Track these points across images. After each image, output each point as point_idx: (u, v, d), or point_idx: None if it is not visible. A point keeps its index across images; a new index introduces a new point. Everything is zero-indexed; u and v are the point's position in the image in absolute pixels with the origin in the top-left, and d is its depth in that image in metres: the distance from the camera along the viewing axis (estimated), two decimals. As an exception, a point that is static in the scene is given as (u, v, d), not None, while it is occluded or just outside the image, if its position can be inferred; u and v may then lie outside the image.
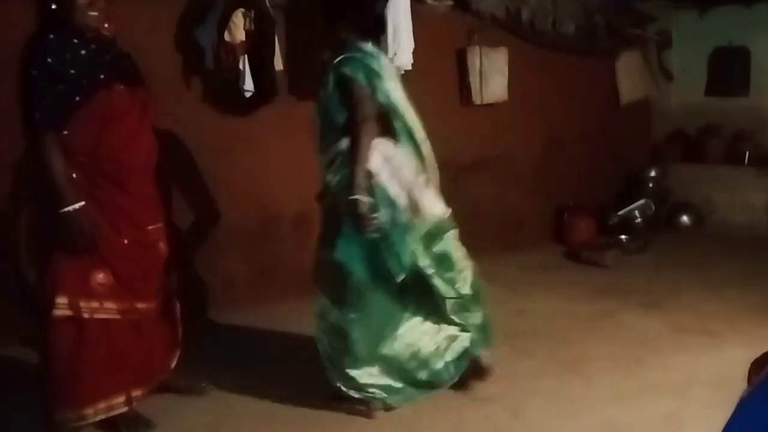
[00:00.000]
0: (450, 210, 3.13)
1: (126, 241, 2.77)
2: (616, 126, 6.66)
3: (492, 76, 5.44)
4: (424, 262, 3.00)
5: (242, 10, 3.99)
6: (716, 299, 4.57)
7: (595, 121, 6.48)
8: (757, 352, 1.64)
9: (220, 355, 3.73)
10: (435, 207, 3.07)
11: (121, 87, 2.74)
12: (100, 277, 2.72)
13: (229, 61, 4.03)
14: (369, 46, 2.99)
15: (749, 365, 1.57)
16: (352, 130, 2.89)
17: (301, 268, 4.63)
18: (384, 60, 3.03)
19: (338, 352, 3.02)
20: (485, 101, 5.44)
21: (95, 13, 2.69)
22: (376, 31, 3.13)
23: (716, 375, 3.39)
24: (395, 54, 3.93)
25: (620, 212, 6.14)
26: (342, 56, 2.89)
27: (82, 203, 2.61)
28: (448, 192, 4.21)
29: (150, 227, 2.89)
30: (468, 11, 5.29)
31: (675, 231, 6.57)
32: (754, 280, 4.95)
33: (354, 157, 2.87)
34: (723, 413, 1.21)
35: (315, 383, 3.38)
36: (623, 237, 5.97)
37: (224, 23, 3.97)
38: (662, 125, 7.25)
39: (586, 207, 6.18)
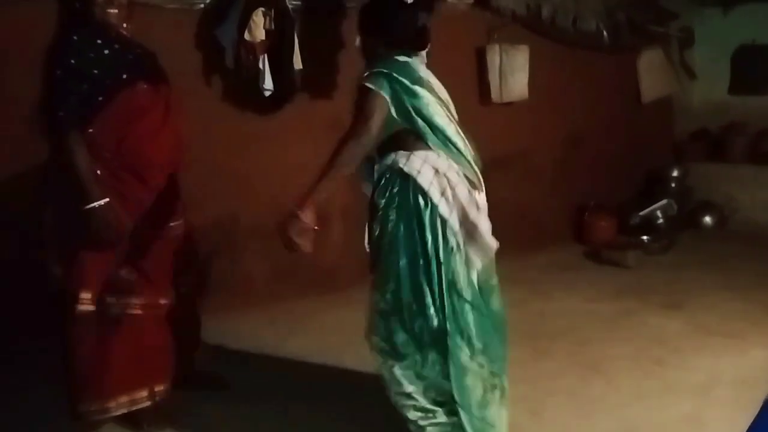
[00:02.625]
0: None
1: (149, 237, 2.80)
2: (638, 124, 6.60)
3: (512, 74, 5.41)
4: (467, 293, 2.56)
5: (262, 9, 4.00)
6: (739, 300, 4.51)
7: (616, 120, 6.43)
8: (782, 354, 1.62)
9: (239, 354, 3.75)
10: (491, 238, 2.64)
11: (144, 85, 2.77)
12: (124, 272, 2.76)
13: (249, 60, 4.05)
14: (405, 58, 2.64)
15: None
16: (348, 131, 2.55)
17: (319, 266, 4.66)
18: (422, 72, 2.67)
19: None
20: (505, 100, 5.41)
21: (115, 11, 2.73)
22: (419, 42, 2.73)
23: (738, 376, 3.35)
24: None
25: (642, 212, 6.07)
26: (371, 70, 2.56)
27: (107, 200, 2.64)
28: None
29: (172, 223, 2.91)
30: (488, 9, 5.27)
31: (697, 230, 6.49)
32: (778, 281, 4.88)
33: (327, 165, 2.55)
34: (745, 414, 1.20)
35: (330, 381, 3.41)
36: (645, 237, 5.91)
37: (244, 22, 3.99)
38: (685, 123, 7.16)
39: (606, 206, 6.12)
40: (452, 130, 2.62)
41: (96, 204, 2.62)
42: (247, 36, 3.99)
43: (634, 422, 2.99)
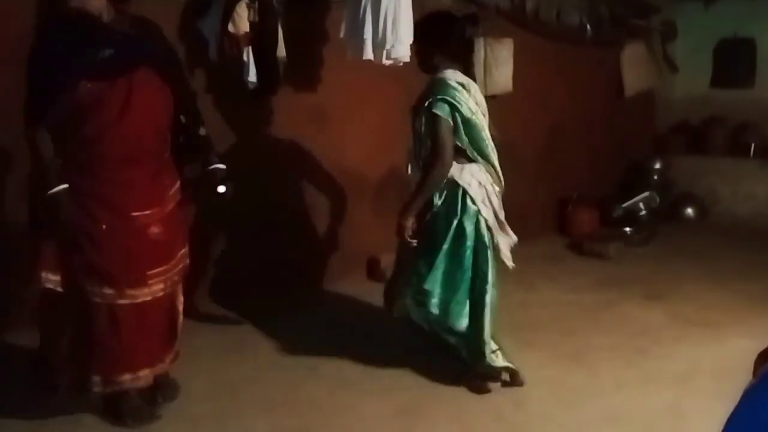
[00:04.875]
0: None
1: (104, 228, 2.76)
2: (621, 117, 6.65)
3: (497, 67, 5.43)
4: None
5: (246, 1, 3.97)
6: (719, 290, 4.58)
7: (599, 113, 6.47)
8: (760, 343, 1.64)
9: (225, 344, 3.75)
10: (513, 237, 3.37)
11: (99, 80, 2.71)
12: (79, 260, 2.74)
13: (233, 53, 4.02)
14: (459, 77, 3.22)
15: (755, 357, 1.58)
16: (431, 158, 3.14)
17: (300, 259, 4.66)
18: (472, 89, 3.26)
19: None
20: (489, 93, 5.41)
21: (93, 2, 2.71)
22: (466, 54, 3.35)
23: (718, 365, 3.40)
24: (393, 45, 3.93)
25: (624, 204, 6.13)
26: (434, 97, 3.13)
27: (62, 187, 2.66)
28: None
29: (135, 213, 2.82)
30: (473, 2, 5.27)
31: (678, 222, 6.57)
32: (757, 271, 4.96)
33: (421, 183, 3.16)
34: (725, 403, 1.22)
35: (320, 371, 3.42)
36: (627, 229, 5.97)
37: (228, 14, 3.96)
38: (666, 116, 7.24)
39: (589, 198, 6.18)
40: (490, 148, 3.25)
41: (51, 191, 2.65)
42: (230, 28, 3.96)
43: (615, 411, 3.03)
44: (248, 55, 4.05)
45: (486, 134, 3.23)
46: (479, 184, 3.19)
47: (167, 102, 2.89)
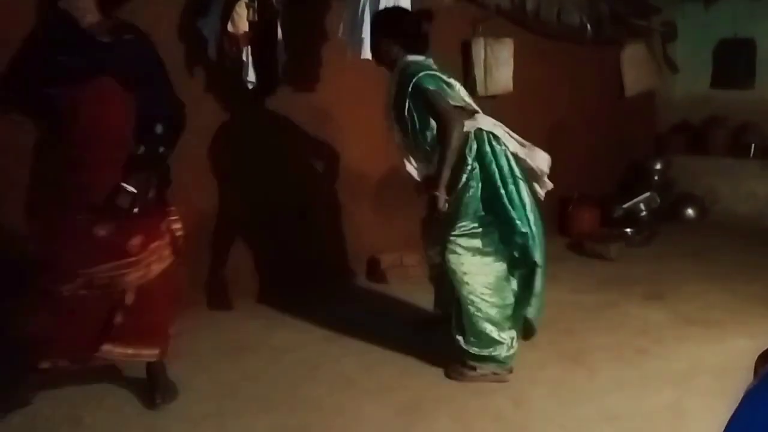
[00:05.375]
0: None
1: (78, 228, 2.85)
2: (621, 117, 6.64)
3: (497, 67, 5.42)
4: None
5: (246, 0, 3.98)
6: (719, 290, 4.57)
7: (599, 113, 6.46)
8: (760, 343, 1.63)
9: (225, 344, 3.75)
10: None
11: (68, 86, 2.77)
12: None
13: (233, 52, 4.02)
14: (427, 61, 3.39)
15: (755, 357, 1.57)
16: (442, 130, 3.20)
17: (300, 259, 4.66)
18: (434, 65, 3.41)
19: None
20: (490, 93, 5.42)
21: (76, 3, 2.74)
22: (423, 48, 3.46)
23: (719, 365, 3.39)
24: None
25: (625, 205, 6.12)
26: (415, 77, 3.24)
27: None
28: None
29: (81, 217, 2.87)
30: (473, 2, 5.27)
31: (679, 222, 6.56)
32: (758, 271, 4.94)
33: (443, 153, 3.18)
34: (725, 403, 1.22)
35: (321, 370, 3.41)
36: (627, 229, 5.96)
37: (228, 14, 3.96)
38: (667, 116, 7.23)
39: (590, 198, 6.17)
40: (473, 103, 3.45)
41: None
42: (230, 27, 3.96)
43: (616, 411, 3.02)
44: (247, 55, 4.05)
45: (465, 92, 3.48)
46: (495, 124, 3.35)
47: (125, 112, 2.88)
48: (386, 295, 4.52)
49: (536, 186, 3.51)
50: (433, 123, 3.30)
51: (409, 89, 3.26)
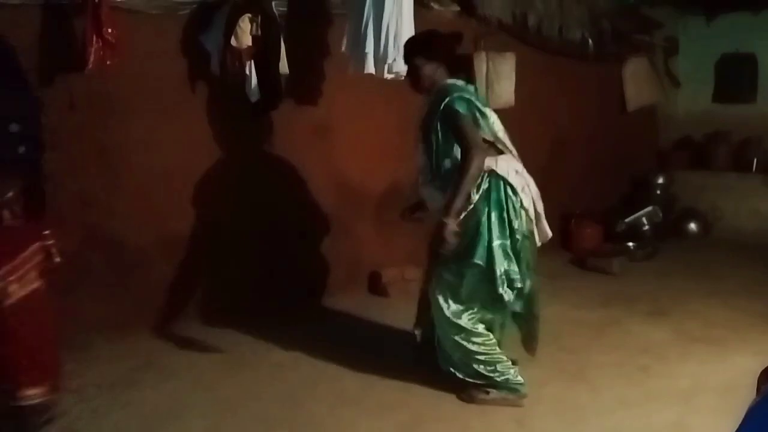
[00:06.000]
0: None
1: None
2: (623, 132, 6.64)
3: (498, 81, 5.42)
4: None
5: (249, 15, 3.98)
6: (723, 307, 4.54)
7: (601, 128, 6.46)
8: (764, 361, 1.62)
9: (225, 360, 3.73)
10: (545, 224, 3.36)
11: None
12: None
13: (235, 67, 4.03)
14: (467, 85, 3.29)
15: (758, 374, 1.55)
16: (464, 155, 3.08)
17: (301, 274, 4.64)
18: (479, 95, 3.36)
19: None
20: (491, 107, 5.41)
21: None
22: (466, 67, 3.52)
23: (722, 383, 3.36)
24: (395, 59, 3.92)
25: (627, 219, 6.10)
26: (450, 97, 3.12)
27: None
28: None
29: None
30: (474, 17, 5.28)
31: (682, 238, 6.54)
32: (761, 288, 4.92)
33: (459, 180, 3.05)
34: (729, 421, 1.21)
35: (321, 387, 3.39)
36: (630, 244, 5.94)
37: (230, 28, 3.97)
38: (669, 132, 7.22)
39: (592, 214, 6.15)
40: (509, 141, 3.30)
41: None
42: (233, 42, 3.96)
43: (618, 429, 3.00)
44: (250, 69, 4.05)
45: (502, 127, 3.30)
46: (516, 172, 3.20)
47: None
48: (387, 310, 4.49)
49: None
50: (455, 153, 3.16)
51: (440, 108, 3.14)
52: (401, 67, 4.00)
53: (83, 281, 3.88)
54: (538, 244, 3.34)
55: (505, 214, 3.14)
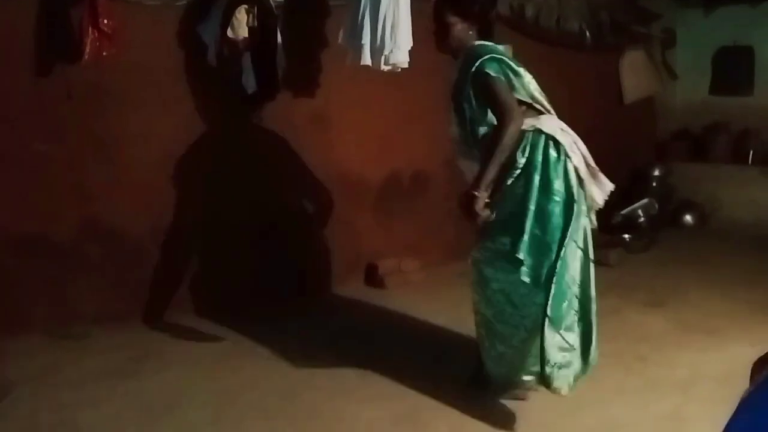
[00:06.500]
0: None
1: None
2: (621, 124, 6.64)
3: (495, 74, 5.41)
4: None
5: (245, 6, 3.97)
6: (720, 297, 4.55)
7: (599, 119, 6.44)
8: (761, 351, 1.63)
9: (223, 351, 3.73)
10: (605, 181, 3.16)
11: None
12: None
13: (232, 58, 4.02)
14: (497, 46, 3.07)
15: (752, 363, 1.56)
16: (498, 121, 2.85)
17: (299, 265, 4.64)
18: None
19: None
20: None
21: None
22: (490, 34, 3.14)
23: (720, 373, 3.37)
24: (392, 51, 3.91)
25: (624, 211, 6.10)
26: (480, 60, 2.91)
27: None
28: (452, 188, 4.20)
29: None
30: (472, 8, 5.26)
31: (679, 229, 6.55)
32: (759, 278, 4.93)
33: (492, 148, 2.82)
34: (726, 410, 1.21)
35: (319, 378, 3.39)
36: (627, 236, 5.94)
37: (227, 19, 3.96)
38: (667, 123, 7.22)
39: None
40: (547, 102, 3.08)
41: None
42: (230, 33, 3.96)
43: (616, 419, 3.01)
44: (247, 61, 4.04)
45: (545, 97, 3.09)
46: (562, 130, 2.98)
47: None
48: (384, 302, 4.49)
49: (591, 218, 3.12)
50: (489, 118, 2.94)
51: (471, 71, 2.91)
52: (398, 59, 3.99)
53: (80, 272, 3.89)
54: (600, 201, 3.17)
55: (547, 175, 2.88)
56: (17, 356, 3.53)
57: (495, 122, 2.90)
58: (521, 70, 3.01)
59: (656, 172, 6.60)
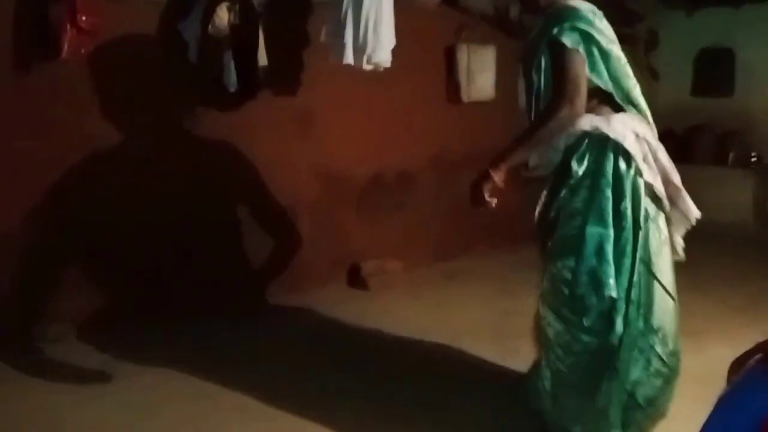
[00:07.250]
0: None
1: None
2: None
3: (479, 73, 5.41)
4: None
5: (227, 3, 3.94)
6: (701, 299, 4.57)
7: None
8: (739, 352, 1.63)
9: (204, 349, 3.70)
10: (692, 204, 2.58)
11: None
12: None
13: (213, 56, 3.99)
14: (586, 6, 2.52)
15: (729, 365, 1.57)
16: (553, 99, 2.39)
17: (287, 261, 4.61)
18: (603, 23, 2.52)
19: None
20: (472, 99, 5.41)
21: None
22: None
23: (700, 374, 3.37)
24: (374, 50, 3.89)
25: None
26: (560, 26, 2.41)
27: None
28: (437, 188, 4.19)
29: None
30: (457, 8, 5.27)
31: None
32: (740, 280, 4.96)
33: (532, 128, 2.45)
34: (706, 410, 1.21)
35: (306, 382, 3.38)
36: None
37: (208, 17, 3.92)
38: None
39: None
40: (638, 91, 2.54)
41: None
42: (211, 31, 3.92)
43: (597, 420, 3.00)
44: (228, 59, 4.01)
45: (631, 72, 2.52)
46: (637, 136, 2.45)
47: None
48: (365, 303, 4.47)
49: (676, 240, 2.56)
50: None
51: (548, 37, 2.41)
52: (380, 58, 3.98)
53: (59, 272, 3.84)
54: (680, 230, 2.64)
55: (612, 192, 2.37)
56: None
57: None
58: (612, 48, 2.46)
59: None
